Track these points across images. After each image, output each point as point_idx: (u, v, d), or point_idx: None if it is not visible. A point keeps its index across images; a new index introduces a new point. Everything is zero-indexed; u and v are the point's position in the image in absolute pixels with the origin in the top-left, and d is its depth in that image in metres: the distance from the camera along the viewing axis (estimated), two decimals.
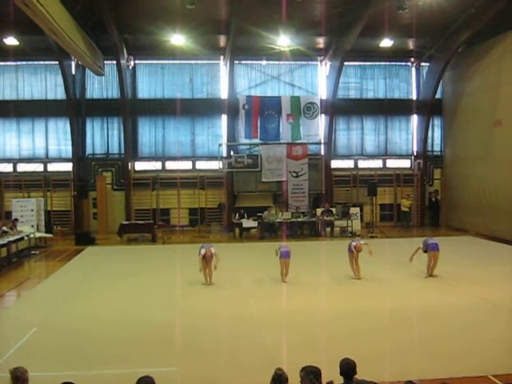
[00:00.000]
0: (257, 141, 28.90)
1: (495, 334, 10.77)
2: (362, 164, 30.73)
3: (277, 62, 29.42)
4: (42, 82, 28.66)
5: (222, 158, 28.48)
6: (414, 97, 30.86)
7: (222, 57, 29.09)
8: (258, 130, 28.77)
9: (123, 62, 27.17)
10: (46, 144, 28.92)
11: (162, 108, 29.02)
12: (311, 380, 5.88)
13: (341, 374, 6.22)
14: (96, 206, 28.58)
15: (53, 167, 28.93)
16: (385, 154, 30.90)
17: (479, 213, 25.92)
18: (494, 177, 24.56)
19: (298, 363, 6.16)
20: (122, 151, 28.93)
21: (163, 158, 29.60)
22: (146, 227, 26.04)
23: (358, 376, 6.23)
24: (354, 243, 16.31)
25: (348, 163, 30.61)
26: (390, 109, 30.22)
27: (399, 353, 9.71)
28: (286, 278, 15.80)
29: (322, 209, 26.85)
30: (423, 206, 30.02)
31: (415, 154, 30.84)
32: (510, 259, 19.61)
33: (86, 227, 27.90)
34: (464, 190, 27.42)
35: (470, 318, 11.94)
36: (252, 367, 9.06)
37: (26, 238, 21.76)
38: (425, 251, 16.22)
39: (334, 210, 26.90)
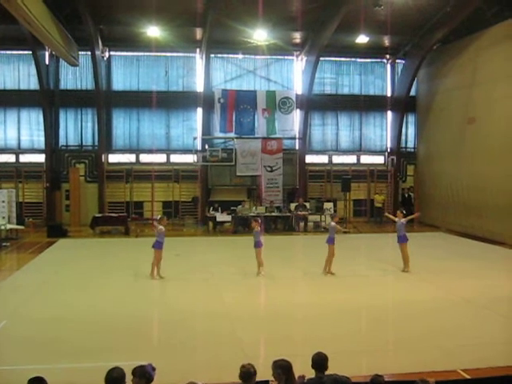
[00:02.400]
0: (232, 135, 28.84)
1: (462, 328, 10.97)
2: (337, 159, 30.85)
3: (253, 56, 29.38)
4: (15, 72, 28.24)
5: (196, 152, 28.38)
6: (389, 93, 31.07)
7: (198, 50, 28.95)
8: (233, 123, 28.71)
9: (98, 53, 26.91)
10: (19, 135, 28.54)
11: (136, 100, 28.81)
12: (279, 374, 5.93)
13: (312, 367, 6.25)
14: (69, 198, 28.34)
15: (25, 158, 28.57)
16: (359, 150, 31.07)
17: (451, 209, 26.21)
18: (466, 174, 24.82)
19: (272, 358, 6.16)
20: (96, 143, 28.69)
21: (137, 151, 29.40)
22: (119, 220, 25.84)
23: (332, 371, 6.27)
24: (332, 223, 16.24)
25: (322, 158, 30.72)
26: (365, 105, 30.37)
27: (374, 347, 9.79)
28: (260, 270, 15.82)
29: (296, 203, 26.91)
30: (396, 202, 30.23)
31: (389, 150, 31.06)
32: (479, 255, 19.87)
33: (59, 219, 27.63)
34: (436, 187, 27.69)
35: (440, 312, 12.08)
36: (226, 361, 9.03)
37: None
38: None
39: (307, 204, 26.98)
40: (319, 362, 6.24)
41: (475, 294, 13.58)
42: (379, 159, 31.35)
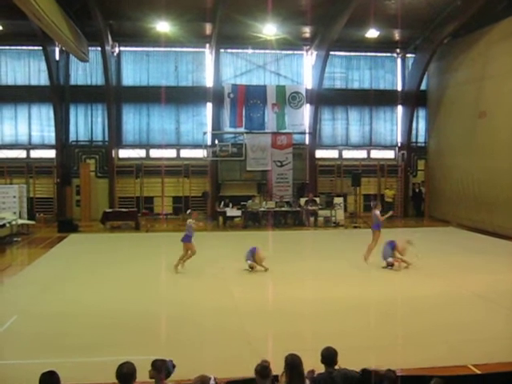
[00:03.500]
0: (242, 130, 28.82)
1: (471, 323, 10.92)
2: (347, 154, 30.78)
3: (262, 51, 29.30)
4: (25, 68, 28.35)
5: (206, 147, 28.40)
6: (399, 88, 30.94)
7: (207, 45, 28.92)
8: (243, 118, 28.71)
9: (108, 48, 26.97)
10: (29, 130, 28.66)
11: (146, 95, 28.85)
12: (285, 369, 5.97)
13: (322, 361, 6.26)
14: (79, 194, 28.42)
15: (36, 154, 28.70)
16: (369, 145, 30.97)
17: (461, 204, 26.08)
18: (477, 168, 24.68)
19: (281, 353, 6.17)
20: (106, 138, 28.79)
21: (147, 146, 29.46)
22: (130, 215, 25.93)
23: (341, 366, 6.27)
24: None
25: (332, 153, 30.65)
26: (375, 99, 30.16)
27: (383, 343, 9.77)
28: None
29: (306, 198, 26.85)
30: (407, 197, 30.17)
31: (399, 144, 30.94)
32: (489, 250, 19.77)
33: (69, 214, 27.74)
34: (447, 182, 27.57)
35: (450, 307, 12.04)
36: (235, 357, 9.06)
37: (8, 224, 21.57)
38: None
39: (317, 199, 26.92)
40: (329, 356, 6.25)
41: (485, 289, 13.52)
42: (389, 154, 31.24)
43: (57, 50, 27.88)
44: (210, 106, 29.18)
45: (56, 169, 28.19)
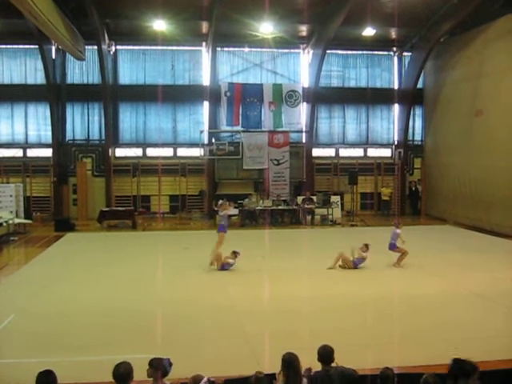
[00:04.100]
0: (238, 128, 28.82)
1: (469, 322, 10.95)
2: (343, 152, 30.80)
3: (259, 50, 29.31)
4: (22, 67, 28.29)
5: (203, 145, 28.37)
6: (396, 86, 30.95)
7: (204, 43, 28.91)
8: (240, 117, 28.70)
9: (104, 47, 26.92)
10: (26, 129, 28.61)
11: (143, 94, 28.81)
12: (283, 369, 6.00)
13: (318, 360, 6.27)
14: (76, 192, 28.42)
15: (32, 153, 28.66)
16: (366, 143, 31.00)
17: (458, 202, 26.12)
18: (474, 166, 24.70)
19: (279, 351, 6.17)
20: (103, 137, 28.74)
21: (144, 145, 29.44)
22: (127, 214, 25.91)
23: (339, 364, 6.27)
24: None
25: (329, 152, 30.66)
26: (372, 98, 30.24)
27: (381, 341, 9.78)
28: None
29: (303, 197, 26.87)
30: (403, 195, 30.19)
31: (396, 143, 30.95)
32: (486, 248, 19.80)
33: (66, 213, 27.72)
34: (444, 180, 27.61)
35: (448, 305, 12.07)
36: (232, 355, 9.06)
37: (4, 224, 21.57)
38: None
39: (314, 198, 26.92)
40: (325, 354, 6.26)
41: (483, 287, 13.55)
42: (386, 152, 31.26)
43: (53, 48, 27.86)
44: (206, 104, 29.17)
45: (53, 168, 28.14)
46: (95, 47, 26.65)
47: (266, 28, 25.99)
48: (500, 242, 21.14)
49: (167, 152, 29.42)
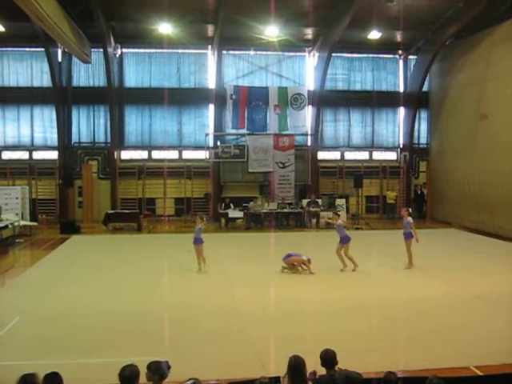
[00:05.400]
0: (244, 131, 28.86)
1: (472, 324, 10.93)
2: (349, 156, 30.80)
3: (265, 53, 29.36)
4: (28, 69, 28.42)
5: (208, 148, 28.43)
6: (401, 89, 30.95)
7: (209, 46, 28.97)
8: (245, 120, 28.74)
9: (110, 50, 27.00)
10: (32, 132, 28.72)
11: (148, 97, 28.90)
12: (289, 373, 5.99)
13: (322, 365, 6.28)
14: (81, 195, 28.49)
15: (38, 155, 28.76)
16: (371, 146, 30.99)
17: (463, 205, 26.08)
18: (478, 170, 24.68)
19: (283, 354, 6.18)
20: (108, 140, 28.83)
21: (149, 148, 29.51)
22: (132, 216, 25.96)
23: (344, 367, 6.29)
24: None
25: (334, 155, 30.67)
26: (377, 101, 30.24)
27: (384, 344, 9.77)
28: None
29: (308, 200, 26.87)
30: (409, 199, 30.15)
31: (401, 146, 30.95)
32: (490, 252, 19.77)
33: (71, 216, 27.81)
34: (449, 183, 27.57)
35: (451, 309, 12.05)
36: (237, 358, 9.07)
37: (10, 226, 21.62)
38: None
39: (319, 201, 26.91)
40: (327, 359, 6.27)
41: (486, 290, 13.54)
42: (391, 155, 31.25)
43: (59, 51, 27.97)
44: (212, 107, 29.21)
45: (58, 170, 28.22)
46: (101, 50, 26.72)
47: (272, 31, 26.02)
48: (504, 245, 21.09)
49: (173, 155, 29.46)
